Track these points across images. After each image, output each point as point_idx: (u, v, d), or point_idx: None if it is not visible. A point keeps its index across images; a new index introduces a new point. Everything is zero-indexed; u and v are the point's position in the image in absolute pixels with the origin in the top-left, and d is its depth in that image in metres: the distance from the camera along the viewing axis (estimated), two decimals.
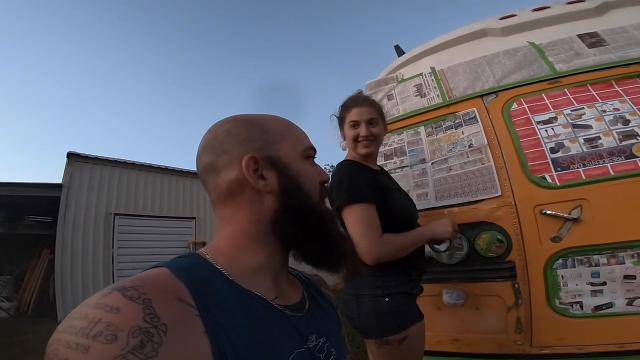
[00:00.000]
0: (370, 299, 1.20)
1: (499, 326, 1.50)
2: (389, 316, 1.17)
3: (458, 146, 1.77)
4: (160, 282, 0.42)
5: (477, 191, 1.64)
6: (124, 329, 0.34)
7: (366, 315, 1.19)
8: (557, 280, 1.41)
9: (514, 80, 1.76)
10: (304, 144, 0.60)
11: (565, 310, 1.39)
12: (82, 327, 0.34)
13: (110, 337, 0.33)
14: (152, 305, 0.37)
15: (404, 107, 2.10)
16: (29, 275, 7.46)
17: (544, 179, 1.50)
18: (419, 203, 1.80)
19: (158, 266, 0.47)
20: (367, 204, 1.21)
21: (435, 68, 2.08)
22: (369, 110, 1.39)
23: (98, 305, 0.36)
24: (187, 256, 0.52)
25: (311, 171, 0.59)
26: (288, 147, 0.57)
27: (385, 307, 1.18)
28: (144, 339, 0.34)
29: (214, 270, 0.49)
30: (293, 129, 0.62)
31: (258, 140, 0.56)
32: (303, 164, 0.58)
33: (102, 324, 0.34)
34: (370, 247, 1.17)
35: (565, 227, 1.42)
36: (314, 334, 0.54)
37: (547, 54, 1.77)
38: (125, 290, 0.38)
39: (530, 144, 1.57)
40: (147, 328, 0.35)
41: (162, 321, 0.37)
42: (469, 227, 1.62)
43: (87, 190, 7.11)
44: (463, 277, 1.61)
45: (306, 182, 0.56)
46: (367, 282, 1.22)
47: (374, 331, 1.18)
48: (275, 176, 0.54)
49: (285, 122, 0.62)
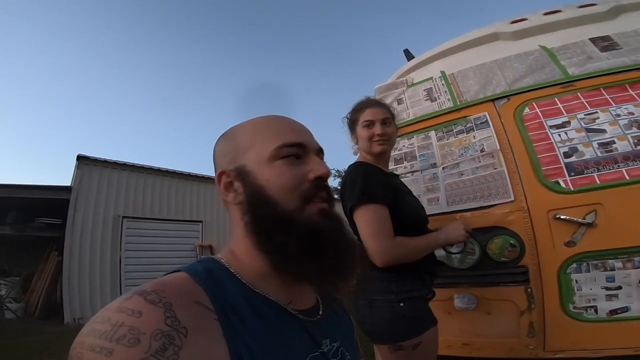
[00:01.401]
0: (384, 304, 1.18)
1: (510, 330, 1.49)
2: (404, 321, 1.15)
3: (469, 151, 1.76)
4: (179, 286, 0.43)
5: (489, 196, 1.63)
6: (146, 332, 0.35)
7: (380, 321, 1.17)
8: (570, 284, 1.40)
9: (525, 84, 1.75)
10: (277, 142, 0.54)
11: (579, 315, 1.37)
12: (105, 330, 0.35)
13: (133, 341, 0.34)
14: (173, 309, 0.38)
15: (414, 112, 2.10)
16: (37, 277, 7.50)
17: (557, 183, 1.49)
18: (429, 208, 1.79)
19: (177, 271, 0.47)
20: (380, 205, 1.20)
21: (445, 72, 2.08)
22: (382, 110, 1.39)
23: (120, 309, 0.37)
24: (205, 261, 0.52)
25: (283, 174, 0.52)
26: (255, 153, 0.54)
27: (400, 312, 1.15)
28: (165, 342, 0.35)
29: (230, 275, 0.50)
30: (267, 130, 0.56)
31: (229, 153, 0.57)
32: (272, 168, 0.53)
33: (125, 327, 0.35)
34: (380, 249, 1.16)
35: (580, 231, 1.41)
36: (327, 339, 0.54)
37: (559, 57, 1.77)
38: (146, 294, 0.39)
39: (543, 149, 1.56)
40: (169, 331, 0.36)
41: (183, 324, 0.37)
42: (481, 231, 1.61)
43: (95, 193, 7.17)
44: (475, 282, 1.60)
45: (274, 188, 0.52)
46: (380, 287, 1.20)
47: (387, 336, 1.16)
48: (241, 187, 0.54)
49: (262, 124, 0.58)
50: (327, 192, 0.55)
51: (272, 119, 0.59)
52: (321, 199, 0.54)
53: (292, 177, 0.53)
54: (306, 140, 0.56)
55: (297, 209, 0.51)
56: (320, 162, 0.56)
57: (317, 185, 0.54)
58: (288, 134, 0.55)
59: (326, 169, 0.55)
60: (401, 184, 1.44)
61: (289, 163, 0.53)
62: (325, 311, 0.59)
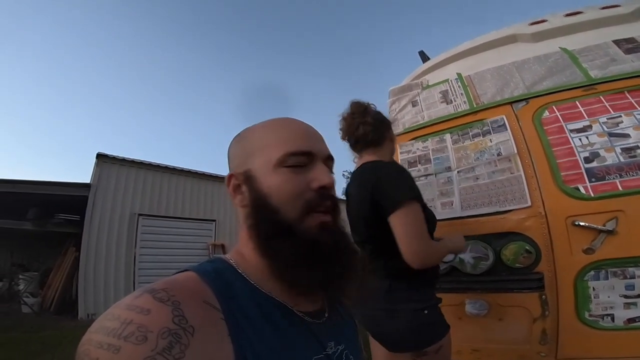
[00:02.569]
0: (408, 313, 1.16)
1: (522, 337, 1.47)
2: (430, 328, 1.16)
3: (486, 154, 1.73)
4: (188, 285, 0.43)
5: (505, 201, 1.60)
6: (153, 330, 0.35)
7: (405, 330, 1.16)
8: (587, 292, 1.37)
9: (545, 87, 1.71)
10: (283, 150, 0.53)
11: (594, 322, 1.34)
12: (114, 328, 0.35)
13: (140, 338, 0.34)
14: (181, 308, 0.38)
15: (428, 114, 2.07)
16: (55, 272, 7.68)
17: (577, 189, 1.44)
18: (443, 212, 1.77)
19: (186, 270, 0.48)
20: (420, 204, 1.19)
21: (462, 74, 2.05)
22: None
23: (129, 307, 0.37)
24: (214, 261, 0.53)
25: (286, 182, 0.52)
26: (261, 159, 0.54)
27: (425, 320, 1.16)
28: (172, 340, 0.35)
29: (238, 275, 0.51)
30: (275, 136, 0.56)
31: (239, 156, 0.58)
32: (276, 176, 0.53)
33: (134, 325, 0.35)
34: (425, 249, 1.14)
35: (599, 239, 1.37)
36: (332, 341, 0.54)
37: (581, 60, 1.72)
38: (155, 292, 0.39)
39: (563, 153, 1.52)
40: (176, 330, 0.36)
41: (190, 323, 0.38)
42: (496, 237, 1.59)
43: (113, 191, 7.33)
44: (487, 288, 1.58)
45: (276, 196, 0.52)
46: (402, 297, 1.19)
47: (414, 344, 1.15)
48: (247, 191, 0.55)
49: (270, 129, 0.57)
50: (332, 201, 0.55)
51: (281, 124, 0.58)
52: (325, 208, 0.53)
53: (295, 185, 0.52)
54: (314, 148, 0.55)
55: (298, 219, 0.51)
56: (325, 171, 0.55)
57: (321, 195, 0.53)
58: (295, 142, 0.55)
59: (330, 178, 0.54)
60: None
61: (294, 171, 0.53)
62: (331, 314, 0.59)
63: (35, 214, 7.47)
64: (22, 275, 7.69)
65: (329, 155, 0.59)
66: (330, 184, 0.54)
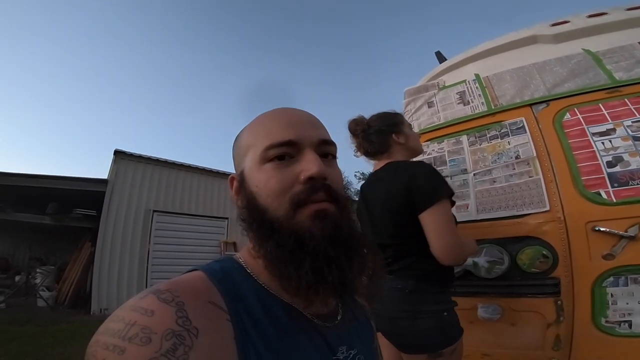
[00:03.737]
0: (431, 315, 1.18)
1: (535, 343, 1.45)
2: (450, 330, 1.18)
3: (503, 157, 1.69)
4: (194, 286, 0.43)
5: (522, 205, 1.57)
6: (157, 332, 0.35)
7: (426, 331, 1.17)
8: (605, 298, 1.34)
9: (567, 89, 1.67)
10: (265, 143, 0.50)
11: (611, 329, 1.31)
12: (119, 329, 0.35)
13: (145, 340, 0.34)
14: (185, 309, 0.38)
15: (445, 115, 2.04)
16: (71, 266, 7.88)
17: (598, 194, 1.40)
18: (458, 215, 1.74)
19: (195, 269, 0.47)
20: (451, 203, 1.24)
21: (480, 75, 2.02)
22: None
23: (134, 308, 0.38)
24: (223, 260, 0.52)
25: (270, 179, 0.49)
26: (251, 156, 0.52)
27: (445, 322, 1.18)
28: (176, 342, 0.35)
29: (246, 275, 0.50)
30: (259, 130, 0.53)
31: (236, 158, 0.57)
32: (261, 172, 0.50)
33: (138, 326, 0.35)
34: (457, 244, 1.18)
35: (620, 244, 1.33)
36: (344, 346, 0.52)
37: (605, 62, 1.67)
38: (160, 293, 0.39)
39: (585, 157, 1.48)
40: (180, 331, 0.36)
41: (194, 324, 0.37)
42: (512, 241, 1.57)
43: (129, 187, 7.48)
44: (501, 292, 1.56)
45: (264, 195, 0.49)
46: (427, 299, 1.20)
47: (433, 346, 1.16)
48: (243, 192, 0.53)
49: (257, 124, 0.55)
50: (327, 191, 0.49)
51: (266, 116, 0.55)
52: (317, 201, 0.48)
53: (280, 181, 0.48)
54: (298, 136, 0.50)
55: (287, 216, 0.47)
56: (314, 160, 0.49)
57: (311, 188, 0.48)
58: (276, 132, 0.51)
59: (319, 167, 0.48)
60: None
61: (278, 165, 0.49)
62: (345, 316, 0.57)
63: (54, 209, 7.66)
64: (39, 269, 7.91)
65: (323, 139, 0.53)
66: (318, 173, 0.48)
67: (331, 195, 0.49)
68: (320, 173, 0.48)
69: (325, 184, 0.49)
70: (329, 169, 0.51)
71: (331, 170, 0.52)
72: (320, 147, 0.52)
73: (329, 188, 0.49)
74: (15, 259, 9.65)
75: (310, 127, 0.53)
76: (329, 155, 0.54)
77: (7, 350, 3.78)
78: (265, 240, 0.48)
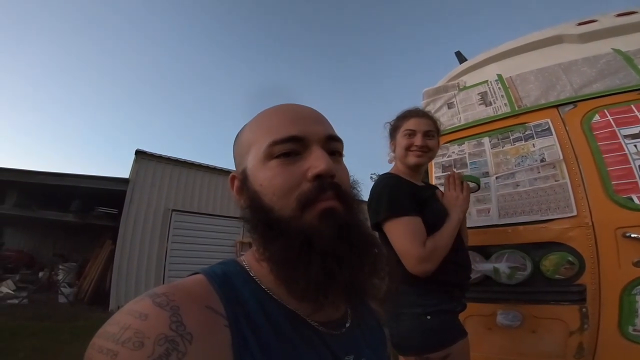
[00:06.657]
0: (410, 317, 1.19)
1: (556, 351, 1.41)
2: (431, 333, 1.16)
3: (527, 160, 1.64)
4: (192, 289, 0.41)
5: (547, 210, 1.52)
6: (150, 336, 0.34)
7: (407, 332, 1.18)
8: (634, 306, 1.29)
9: (595, 89, 1.61)
10: (268, 139, 0.48)
11: (638, 338, 1.27)
12: (113, 333, 0.35)
13: (137, 344, 0.34)
14: (179, 313, 0.37)
15: (465, 116, 2.00)
16: (91, 263, 8.08)
17: (630, 199, 1.35)
18: (478, 219, 1.71)
19: (197, 273, 0.46)
20: (410, 217, 1.20)
21: (502, 75, 1.96)
22: (428, 122, 1.38)
23: (129, 312, 0.37)
24: (226, 263, 0.51)
25: (276, 176, 0.47)
26: (254, 153, 0.50)
27: (427, 325, 1.16)
28: (169, 347, 0.34)
29: (249, 279, 0.48)
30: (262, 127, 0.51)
31: (237, 156, 0.56)
32: (266, 170, 0.48)
33: (131, 330, 0.35)
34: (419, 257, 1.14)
35: None
36: (351, 354, 0.49)
37: (637, 61, 1.60)
38: (155, 297, 0.38)
39: (615, 161, 1.42)
40: (173, 337, 0.35)
41: (188, 330, 0.36)
42: (535, 247, 1.52)
43: (150, 186, 7.65)
44: (522, 299, 1.53)
45: (269, 193, 0.47)
46: (407, 301, 1.20)
47: (414, 348, 1.17)
48: (245, 191, 0.51)
49: (259, 120, 0.53)
50: (335, 190, 0.47)
51: (268, 112, 0.53)
52: (326, 199, 0.46)
53: (286, 178, 0.46)
54: (303, 132, 0.48)
55: (295, 215, 0.45)
56: (321, 156, 0.47)
57: (319, 186, 0.46)
58: (281, 128, 0.49)
59: (327, 164, 0.46)
60: (432, 197, 1.37)
61: (284, 162, 0.47)
62: (354, 323, 0.54)
63: (77, 207, 7.93)
64: (62, 266, 8.15)
65: (330, 135, 0.51)
66: (327, 170, 0.46)
67: (339, 194, 0.47)
68: (329, 170, 0.46)
69: (334, 182, 0.47)
70: (337, 167, 0.49)
71: (339, 168, 0.50)
72: (327, 144, 0.50)
73: (337, 187, 0.47)
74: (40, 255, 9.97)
75: (316, 123, 0.51)
76: (336, 153, 0.52)
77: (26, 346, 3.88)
78: (271, 241, 0.46)
